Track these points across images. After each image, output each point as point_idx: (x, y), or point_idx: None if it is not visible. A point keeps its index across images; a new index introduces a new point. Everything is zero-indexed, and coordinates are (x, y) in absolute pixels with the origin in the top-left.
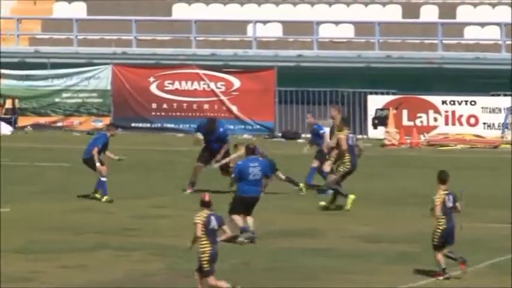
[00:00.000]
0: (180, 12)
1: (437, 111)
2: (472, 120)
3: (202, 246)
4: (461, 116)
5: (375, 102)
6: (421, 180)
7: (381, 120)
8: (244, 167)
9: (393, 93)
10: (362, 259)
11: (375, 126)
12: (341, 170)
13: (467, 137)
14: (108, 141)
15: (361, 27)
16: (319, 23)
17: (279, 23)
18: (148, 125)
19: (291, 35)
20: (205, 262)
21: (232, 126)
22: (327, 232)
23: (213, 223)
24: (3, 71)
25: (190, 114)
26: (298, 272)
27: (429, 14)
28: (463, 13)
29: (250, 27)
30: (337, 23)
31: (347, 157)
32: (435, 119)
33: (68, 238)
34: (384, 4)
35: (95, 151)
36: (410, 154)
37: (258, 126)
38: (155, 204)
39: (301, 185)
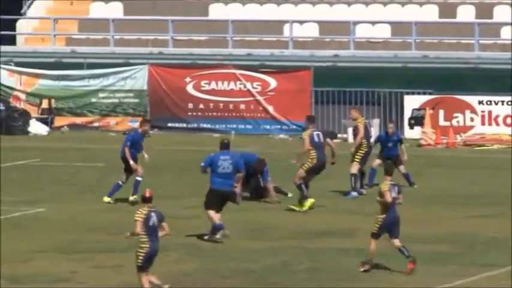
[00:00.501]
0: (216, 12)
1: (473, 111)
2: (509, 120)
3: (141, 242)
4: (497, 116)
5: (412, 102)
6: (458, 180)
7: (417, 120)
8: (215, 158)
9: (430, 93)
10: (400, 259)
11: (411, 126)
12: (306, 166)
13: (503, 137)
14: (139, 138)
15: (398, 27)
16: (355, 23)
17: (315, 23)
18: (185, 125)
19: (328, 35)
20: (140, 258)
21: (268, 126)
22: (361, 232)
23: (153, 219)
24: (41, 71)
25: (226, 114)
26: (337, 272)
27: (466, 14)
28: (500, 13)
29: (286, 27)
30: (373, 23)
31: (313, 153)
32: (471, 119)
33: (103, 238)
34: (420, 4)
35: (126, 149)
36: (447, 154)
37: (294, 127)
38: (190, 204)
39: (290, 194)
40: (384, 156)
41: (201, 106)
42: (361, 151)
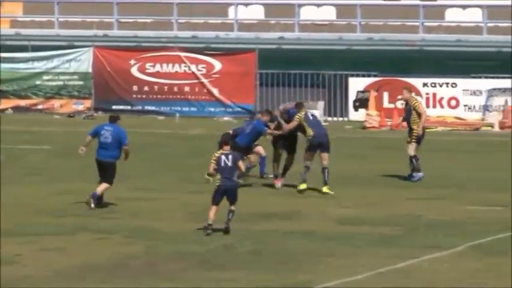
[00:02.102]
0: None
1: (418, 93)
2: (453, 103)
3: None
4: (442, 98)
5: (356, 84)
6: (402, 162)
7: (362, 103)
8: (99, 128)
9: (374, 76)
10: (343, 242)
11: (356, 108)
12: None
13: (448, 119)
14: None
15: (343, 10)
16: (300, 5)
17: (260, 5)
18: (129, 107)
19: (273, 18)
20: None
21: (213, 109)
22: (308, 215)
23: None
24: None
25: (171, 96)
26: (281, 255)
27: None
28: None
29: (231, 10)
30: (318, 5)
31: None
32: None
33: (49, 221)
34: None
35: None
36: (391, 136)
37: (238, 109)
38: (135, 186)
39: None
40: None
41: (146, 88)
42: (415, 132)
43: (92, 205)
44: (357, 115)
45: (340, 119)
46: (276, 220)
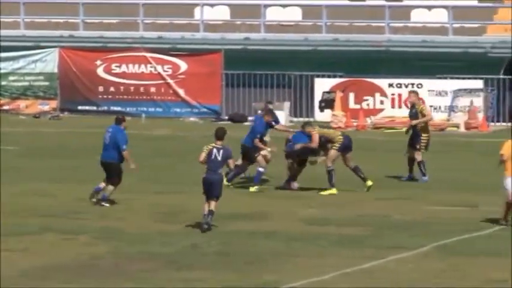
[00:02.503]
0: None
1: (383, 94)
2: None
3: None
4: (407, 99)
5: (322, 85)
6: (367, 162)
7: (327, 103)
8: (106, 131)
9: (340, 76)
10: (310, 242)
11: (321, 109)
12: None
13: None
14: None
15: (309, 10)
16: (266, 6)
17: (226, 6)
18: (95, 108)
19: (238, 18)
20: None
21: (178, 109)
22: (275, 215)
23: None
24: None
25: (137, 97)
26: (248, 256)
27: None
28: None
29: (197, 10)
30: (284, 6)
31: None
32: (381, 102)
33: (14, 221)
34: None
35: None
36: (357, 137)
37: (204, 109)
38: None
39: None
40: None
41: (112, 89)
42: (424, 139)
43: (94, 199)
44: (322, 116)
45: (306, 119)
46: (244, 220)
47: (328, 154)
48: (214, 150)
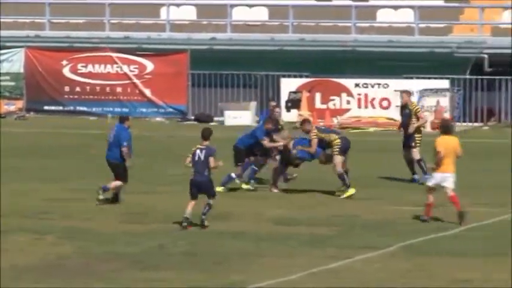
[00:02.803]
0: None
1: (350, 94)
2: (385, 103)
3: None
4: (373, 98)
5: (288, 85)
6: None
7: (294, 103)
8: (111, 130)
9: (306, 76)
10: (277, 242)
11: (288, 109)
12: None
13: (379, 120)
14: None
15: (275, 10)
16: (232, 6)
17: (192, 6)
18: (61, 108)
19: (205, 18)
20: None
21: (145, 110)
22: (243, 215)
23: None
24: None
25: (103, 97)
26: (215, 256)
27: None
28: None
29: (163, 10)
30: (250, 6)
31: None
32: (348, 102)
33: None
34: None
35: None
36: None
37: (170, 109)
38: (68, 187)
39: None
40: None
41: (78, 89)
42: (418, 138)
43: (100, 197)
44: (289, 116)
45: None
46: (211, 221)
47: (334, 160)
48: (198, 151)
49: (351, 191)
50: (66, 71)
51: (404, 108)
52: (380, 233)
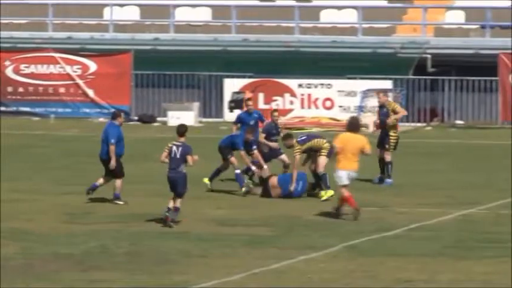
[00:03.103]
0: None
1: (293, 94)
2: (328, 104)
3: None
4: (317, 99)
5: (231, 85)
6: (278, 164)
7: (237, 104)
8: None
9: (249, 77)
10: (219, 243)
11: (231, 109)
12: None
13: (323, 120)
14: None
15: (218, 11)
16: (175, 6)
17: (135, 6)
18: (4, 108)
19: (148, 19)
20: None
21: (88, 110)
22: (185, 215)
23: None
24: None
25: (46, 97)
26: (157, 256)
27: None
28: None
29: (107, 11)
30: (194, 6)
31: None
32: (291, 102)
33: None
34: None
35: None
36: None
37: (114, 110)
38: (9, 188)
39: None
40: None
41: (21, 89)
42: (393, 139)
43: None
44: (232, 116)
45: (216, 119)
46: (152, 221)
47: (318, 161)
48: (174, 147)
49: (330, 192)
50: (9, 72)
51: (382, 108)
52: (322, 233)
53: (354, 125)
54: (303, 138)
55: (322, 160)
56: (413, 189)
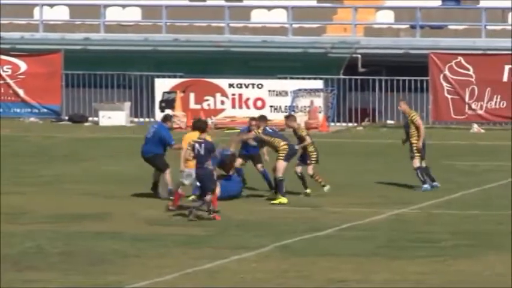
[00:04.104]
0: None
1: (224, 94)
2: (259, 103)
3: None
4: (248, 99)
5: (162, 85)
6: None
7: (168, 103)
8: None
9: (180, 76)
10: (152, 242)
11: (162, 109)
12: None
13: None
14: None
15: (149, 10)
16: (106, 6)
17: (65, 6)
18: None
19: (78, 18)
20: None
21: (19, 110)
22: (118, 216)
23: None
24: None
25: None
26: (91, 256)
27: None
28: None
29: (37, 10)
30: (124, 6)
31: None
32: (222, 102)
33: None
34: None
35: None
36: None
37: (45, 110)
38: None
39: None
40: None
41: None
42: (415, 146)
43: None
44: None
45: (147, 119)
46: (87, 221)
47: (276, 166)
48: (197, 145)
49: (283, 200)
50: None
51: (404, 117)
52: (255, 233)
53: (196, 124)
54: (270, 131)
55: (280, 164)
56: (346, 189)
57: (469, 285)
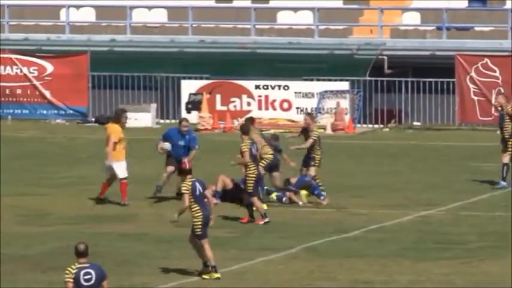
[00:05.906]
0: None
1: (250, 95)
2: (285, 105)
3: (194, 211)
4: (274, 100)
5: (189, 86)
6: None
7: (194, 105)
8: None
9: (207, 78)
10: (178, 244)
11: (188, 110)
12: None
13: (280, 122)
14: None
15: (175, 12)
16: (132, 7)
17: (92, 8)
18: None
19: (104, 20)
20: (198, 227)
21: (45, 111)
22: (144, 217)
23: (198, 188)
24: None
25: (3, 99)
26: (117, 258)
27: None
28: None
29: (63, 12)
30: (150, 7)
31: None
32: (248, 104)
33: None
34: None
35: None
36: (224, 139)
37: (71, 111)
38: None
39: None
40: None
41: None
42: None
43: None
44: (189, 117)
45: (173, 121)
46: (112, 222)
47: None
48: (252, 148)
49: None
50: None
51: (502, 109)
52: (280, 235)
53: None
54: (265, 135)
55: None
56: (372, 191)
57: (494, 287)
